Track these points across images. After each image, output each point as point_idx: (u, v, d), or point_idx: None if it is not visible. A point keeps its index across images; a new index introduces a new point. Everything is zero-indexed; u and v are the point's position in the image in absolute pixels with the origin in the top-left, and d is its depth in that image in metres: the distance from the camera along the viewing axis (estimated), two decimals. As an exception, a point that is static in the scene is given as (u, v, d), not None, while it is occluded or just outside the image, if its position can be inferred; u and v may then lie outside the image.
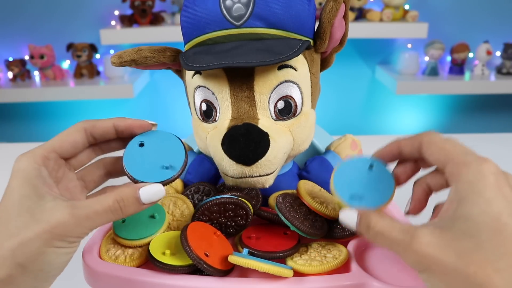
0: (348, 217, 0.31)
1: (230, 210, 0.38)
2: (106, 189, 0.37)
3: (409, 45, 1.78)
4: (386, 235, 0.28)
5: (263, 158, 0.36)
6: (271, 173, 0.38)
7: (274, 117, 0.38)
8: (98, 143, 0.36)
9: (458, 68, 1.68)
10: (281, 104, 0.38)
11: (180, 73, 0.44)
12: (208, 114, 0.39)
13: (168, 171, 0.34)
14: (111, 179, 0.38)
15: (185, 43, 0.41)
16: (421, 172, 0.33)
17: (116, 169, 0.37)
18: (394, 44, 1.81)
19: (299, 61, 0.38)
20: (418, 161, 0.33)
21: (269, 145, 0.36)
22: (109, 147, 0.37)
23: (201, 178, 0.46)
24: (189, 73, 0.40)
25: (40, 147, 0.32)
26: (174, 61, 0.41)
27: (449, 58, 1.73)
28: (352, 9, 1.60)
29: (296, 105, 0.39)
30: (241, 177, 0.37)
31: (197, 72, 0.39)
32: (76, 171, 0.36)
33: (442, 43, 1.63)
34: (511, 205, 0.25)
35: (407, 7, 1.66)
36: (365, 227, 0.30)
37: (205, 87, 0.38)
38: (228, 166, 0.36)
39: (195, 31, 0.38)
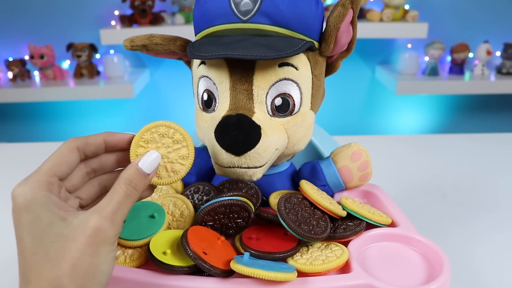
0: None
1: (234, 212, 0.39)
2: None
3: (409, 45, 1.78)
4: None
5: (253, 150, 0.36)
6: (260, 167, 0.38)
7: (270, 113, 0.39)
8: (86, 159, 0.35)
9: (458, 68, 1.68)
10: (278, 101, 0.39)
11: (189, 64, 0.45)
12: (208, 104, 0.41)
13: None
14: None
15: (195, 34, 0.42)
16: None
17: (112, 183, 0.35)
18: (394, 44, 1.81)
19: (301, 61, 0.38)
20: None
21: (259, 137, 0.36)
22: (98, 161, 0.35)
23: (199, 170, 0.47)
24: (195, 63, 0.41)
25: (38, 173, 0.30)
26: (184, 51, 0.42)
27: (449, 58, 1.73)
28: (352, 9, 1.60)
29: (294, 104, 0.39)
30: (230, 167, 0.37)
31: (202, 62, 0.40)
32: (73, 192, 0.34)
33: (442, 43, 1.63)
34: None
35: (407, 7, 1.66)
36: None
37: (207, 77, 0.40)
38: (218, 154, 0.37)
39: (204, 23, 0.40)
